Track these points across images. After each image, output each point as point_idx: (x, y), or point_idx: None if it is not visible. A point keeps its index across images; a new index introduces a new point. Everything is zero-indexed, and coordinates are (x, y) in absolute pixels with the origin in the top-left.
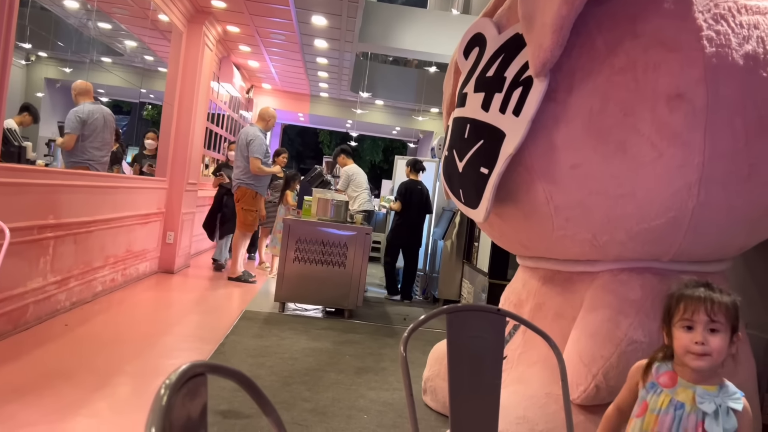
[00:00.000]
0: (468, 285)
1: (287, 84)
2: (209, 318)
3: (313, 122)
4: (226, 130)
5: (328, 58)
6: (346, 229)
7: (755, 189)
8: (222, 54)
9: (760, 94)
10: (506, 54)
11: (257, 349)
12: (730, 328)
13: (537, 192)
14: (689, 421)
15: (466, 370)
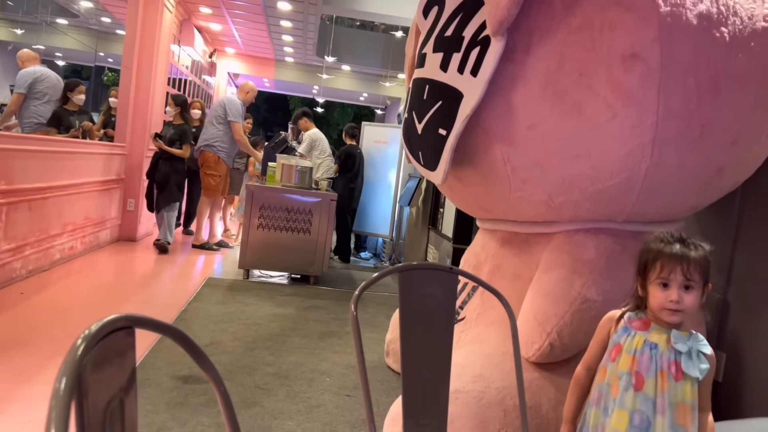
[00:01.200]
0: (433, 250)
1: (251, 48)
2: (171, 285)
3: (279, 88)
4: (189, 95)
5: (293, 21)
6: (310, 196)
7: (706, 150)
8: (182, 16)
9: (713, 54)
10: (464, 13)
11: (220, 316)
12: (702, 283)
13: (494, 153)
14: (663, 360)
15: (417, 328)
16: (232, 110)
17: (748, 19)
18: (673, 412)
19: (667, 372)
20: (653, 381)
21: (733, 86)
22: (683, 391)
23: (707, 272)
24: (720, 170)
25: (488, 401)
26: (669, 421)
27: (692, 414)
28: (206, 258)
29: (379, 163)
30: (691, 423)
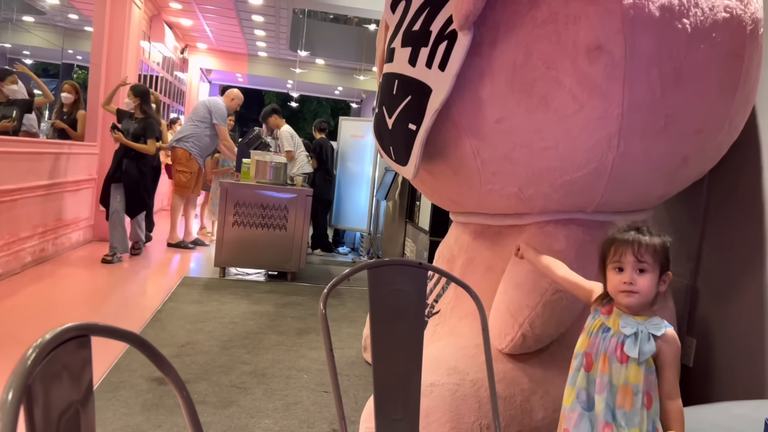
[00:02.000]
0: (411, 244)
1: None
2: (146, 286)
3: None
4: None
5: (264, 16)
6: (286, 192)
7: (671, 139)
8: (152, 12)
9: (675, 45)
10: (431, 7)
11: (196, 315)
12: (658, 268)
13: (464, 147)
14: (610, 343)
15: (388, 324)
16: (218, 114)
17: (708, 10)
18: (616, 394)
19: (611, 354)
20: (599, 363)
21: (695, 76)
22: (627, 374)
23: (663, 258)
24: (685, 159)
25: (463, 393)
26: (605, 401)
27: (635, 397)
28: (182, 257)
29: (356, 158)
30: (632, 405)
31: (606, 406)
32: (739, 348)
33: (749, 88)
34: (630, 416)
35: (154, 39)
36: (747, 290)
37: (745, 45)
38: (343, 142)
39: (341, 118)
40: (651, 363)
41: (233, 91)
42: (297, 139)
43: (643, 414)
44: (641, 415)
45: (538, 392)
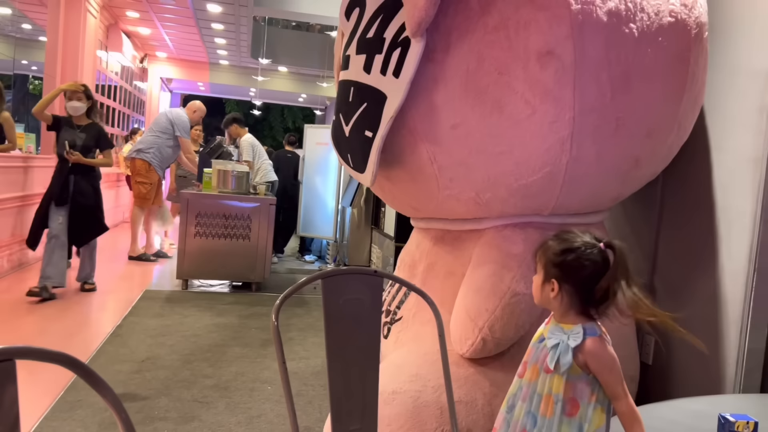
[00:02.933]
0: (377, 250)
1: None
2: (105, 300)
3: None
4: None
5: (224, 24)
6: (248, 201)
7: (623, 142)
8: (108, 21)
9: (623, 49)
10: (385, 14)
11: (157, 329)
12: (543, 271)
13: (421, 153)
14: (541, 353)
15: (343, 334)
16: (181, 126)
17: (654, 14)
18: (540, 403)
19: (540, 365)
20: (529, 372)
21: (644, 80)
22: (551, 383)
23: (547, 263)
24: (637, 161)
25: (425, 400)
26: (528, 408)
27: (556, 405)
28: (143, 270)
29: (321, 165)
30: (553, 412)
31: (528, 413)
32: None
33: (696, 91)
34: (550, 423)
35: (111, 48)
36: (700, 288)
37: (690, 48)
38: (308, 150)
39: (306, 126)
40: (578, 371)
41: (195, 103)
42: (259, 148)
43: (564, 421)
44: (560, 422)
45: (500, 396)
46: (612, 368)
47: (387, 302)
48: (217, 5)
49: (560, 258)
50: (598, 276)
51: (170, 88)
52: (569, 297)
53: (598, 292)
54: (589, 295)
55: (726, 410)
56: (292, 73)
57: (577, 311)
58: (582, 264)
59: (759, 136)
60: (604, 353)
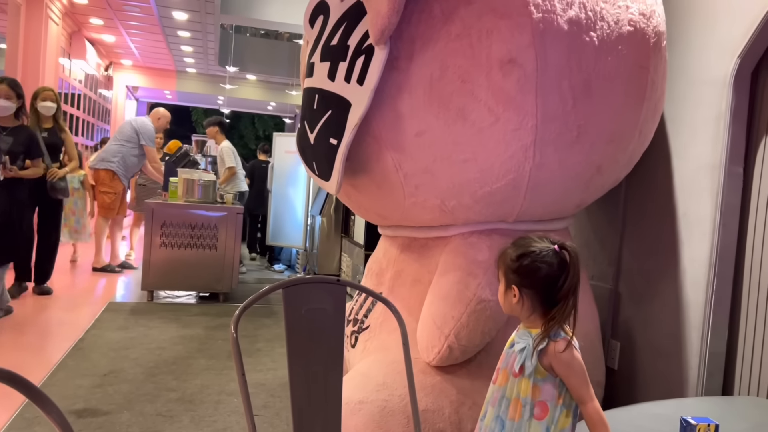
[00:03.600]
0: (347, 259)
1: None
2: (68, 313)
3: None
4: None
5: (191, 31)
6: (215, 210)
7: (585, 149)
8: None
9: (584, 57)
10: (349, 22)
11: (121, 342)
12: (504, 279)
13: (386, 161)
14: (511, 357)
15: (305, 344)
16: (146, 135)
17: (614, 23)
18: (508, 407)
19: (509, 369)
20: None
21: (604, 87)
22: (519, 386)
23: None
24: (599, 168)
25: (391, 409)
26: (497, 412)
27: (524, 409)
28: (107, 281)
29: (290, 174)
30: (521, 416)
31: (496, 418)
32: (659, 349)
33: (656, 98)
34: (518, 427)
35: (74, 56)
36: (664, 292)
37: (649, 57)
38: (277, 159)
39: (275, 134)
40: (544, 374)
41: (160, 110)
42: (237, 155)
43: (531, 423)
44: (528, 426)
45: (467, 403)
46: (576, 371)
47: (354, 311)
48: (183, 13)
49: (517, 263)
50: (555, 278)
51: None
52: (531, 301)
53: (559, 293)
54: (551, 297)
55: (688, 413)
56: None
57: (541, 315)
58: (537, 267)
59: (717, 144)
60: (568, 355)
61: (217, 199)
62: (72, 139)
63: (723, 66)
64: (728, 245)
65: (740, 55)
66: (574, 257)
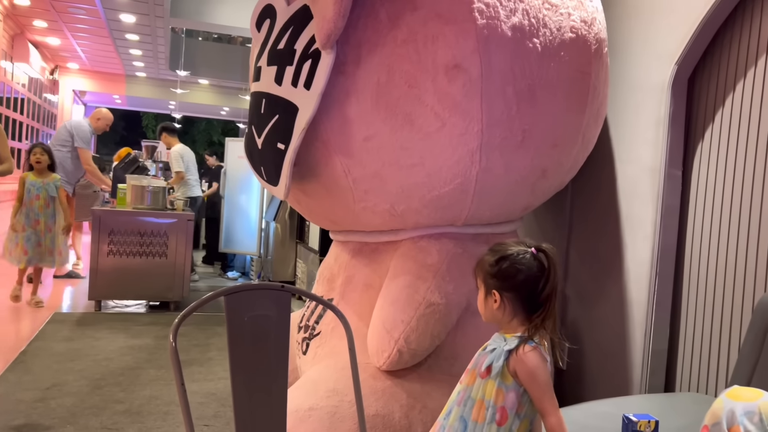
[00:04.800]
0: (302, 264)
1: (97, 63)
2: (9, 325)
3: (132, 104)
4: (28, 115)
5: (140, 35)
6: (165, 217)
7: (530, 153)
8: (13, 30)
9: (528, 63)
10: (295, 26)
11: (66, 353)
12: (483, 285)
13: (335, 166)
14: (481, 358)
15: (248, 352)
16: (81, 136)
17: (557, 30)
18: (473, 407)
19: (477, 370)
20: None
21: (548, 93)
22: (484, 388)
23: (486, 275)
24: (544, 172)
25: (341, 415)
26: (461, 412)
27: (487, 411)
28: (53, 291)
29: (243, 179)
30: (484, 418)
31: (460, 418)
32: (605, 349)
33: (598, 104)
34: (480, 429)
35: (17, 59)
36: (609, 294)
37: (591, 63)
38: (229, 164)
39: (228, 139)
40: (509, 380)
41: (101, 111)
42: (189, 160)
43: (492, 428)
44: (488, 429)
45: (417, 407)
46: (539, 381)
47: (306, 317)
48: (131, 15)
49: (495, 267)
50: (536, 279)
51: (84, 101)
52: (512, 305)
53: (541, 296)
54: (532, 300)
55: (631, 411)
56: (214, 86)
57: (521, 320)
58: (517, 269)
59: (657, 147)
60: (533, 361)
61: (167, 205)
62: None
63: (662, 72)
64: (669, 245)
65: (677, 62)
66: (552, 258)
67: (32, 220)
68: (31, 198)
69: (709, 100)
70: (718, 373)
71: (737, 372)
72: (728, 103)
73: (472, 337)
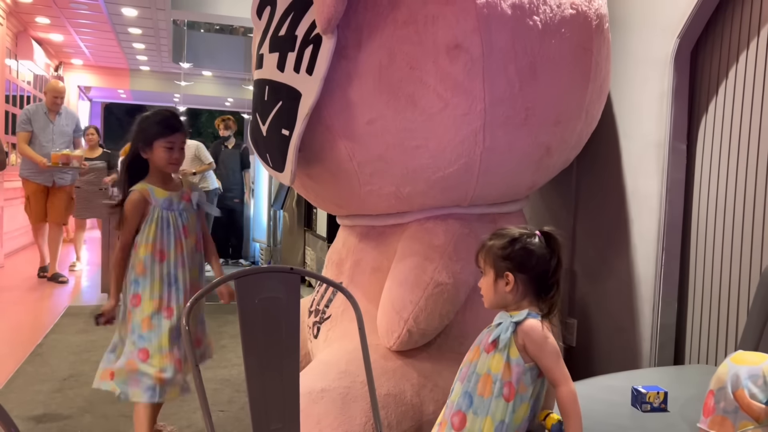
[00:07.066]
0: (311, 252)
1: (101, 58)
2: (26, 319)
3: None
4: None
5: (142, 28)
6: None
7: (533, 131)
8: (17, 28)
9: (529, 41)
10: (296, 12)
11: (82, 345)
12: (491, 269)
13: (339, 150)
14: (485, 336)
15: (260, 335)
16: (19, 119)
17: (557, 7)
18: (477, 382)
19: (482, 346)
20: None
21: (550, 70)
22: (490, 362)
23: (495, 259)
24: (548, 149)
25: (354, 396)
26: (465, 388)
27: (494, 385)
28: (65, 286)
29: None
30: (490, 393)
31: (464, 393)
32: (614, 324)
33: (601, 80)
34: (486, 403)
35: (21, 57)
36: (617, 269)
37: (592, 39)
38: None
39: None
40: (516, 354)
41: (48, 84)
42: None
43: (499, 403)
44: (496, 404)
45: (428, 386)
46: (548, 350)
47: (316, 302)
48: (133, 9)
49: (507, 250)
50: (547, 261)
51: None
52: (523, 286)
53: (552, 277)
54: (543, 282)
55: (640, 384)
56: (217, 77)
57: (530, 301)
58: (530, 251)
59: (661, 121)
60: (541, 333)
61: None
62: None
63: (664, 46)
64: (675, 220)
65: (679, 36)
66: (558, 240)
67: None
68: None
69: (713, 73)
70: (727, 345)
71: (744, 338)
72: (732, 76)
73: (481, 316)
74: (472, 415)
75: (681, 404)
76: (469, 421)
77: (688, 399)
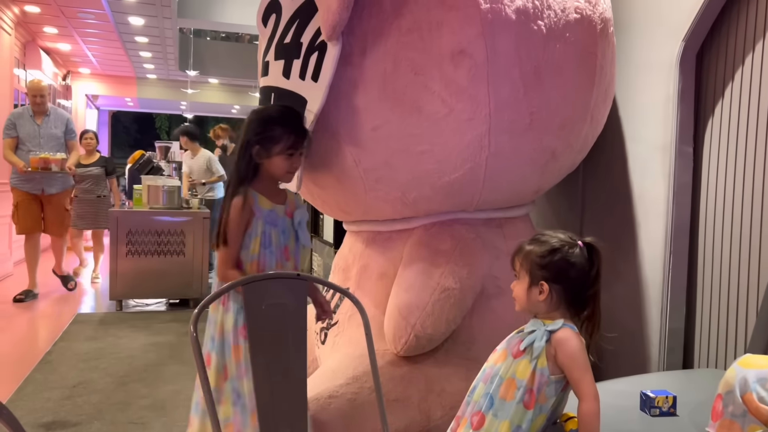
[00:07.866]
0: (318, 258)
1: (108, 67)
2: (34, 326)
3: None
4: None
5: (149, 36)
6: (181, 216)
7: (538, 135)
8: (25, 38)
9: (533, 46)
10: (301, 19)
11: (90, 352)
12: (526, 275)
13: (345, 156)
14: (514, 340)
15: (267, 341)
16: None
17: (561, 11)
18: (500, 385)
19: (510, 350)
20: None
21: (554, 74)
22: (516, 367)
23: (531, 265)
24: (554, 153)
25: (361, 401)
26: (487, 390)
27: (517, 391)
28: (76, 293)
29: None
30: (513, 397)
31: (486, 395)
32: (622, 328)
33: (606, 83)
34: (507, 407)
35: (29, 66)
36: (624, 273)
37: (597, 43)
38: None
39: None
40: (544, 363)
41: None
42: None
43: (519, 409)
44: (516, 410)
45: (435, 391)
46: (578, 360)
47: None
48: (140, 18)
49: (546, 259)
50: (585, 274)
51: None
52: (558, 296)
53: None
54: (578, 295)
55: (649, 388)
56: (224, 85)
57: (562, 313)
58: (569, 262)
59: (667, 125)
60: (574, 345)
61: (182, 204)
62: None
63: (669, 50)
64: (682, 223)
65: (685, 39)
66: (600, 253)
67: None
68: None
69: (719, 76)
70: (736, 349)
71: (753, 342)
72: (737, 78)
73: (488, 321)
74: (491, 417)
75: (690, 408)
76: (488, 422)
77: (697, 403)
